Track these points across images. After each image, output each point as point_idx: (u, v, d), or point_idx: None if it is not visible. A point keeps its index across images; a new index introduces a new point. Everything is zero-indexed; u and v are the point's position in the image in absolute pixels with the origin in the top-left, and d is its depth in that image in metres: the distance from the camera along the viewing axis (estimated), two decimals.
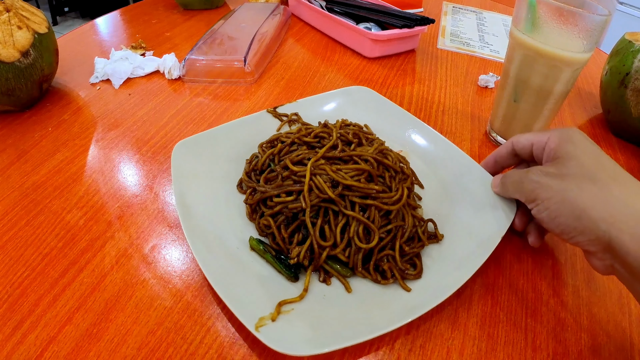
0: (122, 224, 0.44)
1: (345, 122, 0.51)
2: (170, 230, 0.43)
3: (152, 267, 0.40)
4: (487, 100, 0.69)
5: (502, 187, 0.41)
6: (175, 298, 0.37)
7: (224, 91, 0.67)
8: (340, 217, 0.39)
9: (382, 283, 0.38)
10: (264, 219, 0.41)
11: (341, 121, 0.51)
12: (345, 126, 0.50)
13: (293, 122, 0.54)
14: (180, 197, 0.41)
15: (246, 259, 0.38)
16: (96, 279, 0.38)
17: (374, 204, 0.39)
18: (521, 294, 0.40)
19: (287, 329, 0.32)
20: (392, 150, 0.47)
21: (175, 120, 0.60)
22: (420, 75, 0.75)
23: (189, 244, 0.37)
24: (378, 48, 0.78)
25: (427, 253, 0.41)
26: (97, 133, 0.56)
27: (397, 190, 0.41)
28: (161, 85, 0.67)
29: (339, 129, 0.48)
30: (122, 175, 0.50)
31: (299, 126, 0.53)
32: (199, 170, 0.45)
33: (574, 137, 0.36)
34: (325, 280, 0.38)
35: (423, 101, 0.67)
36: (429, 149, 0.51)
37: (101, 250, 0.41)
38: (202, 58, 0.68)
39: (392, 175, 0.43)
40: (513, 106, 0.54)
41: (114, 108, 0.61)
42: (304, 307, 0.35)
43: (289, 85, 0.69)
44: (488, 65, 0.80)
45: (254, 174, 0.46)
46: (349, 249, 0.38)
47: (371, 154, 0.43)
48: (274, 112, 0.54)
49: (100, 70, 0.67)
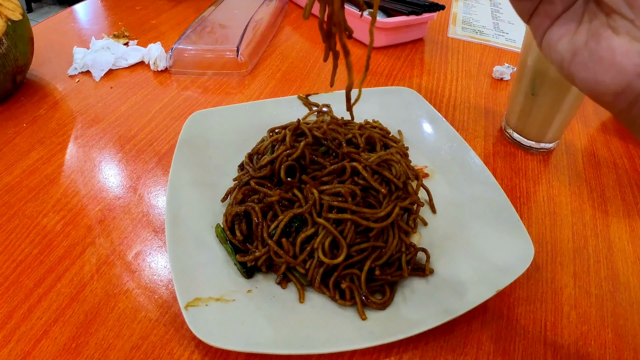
0: (104, 229, 0.44)
1: (368, 123, 0.52)
2: (155, 235, 0.44)
3: (136, 276, 0.40)
4: (502, 93, 0.69)
5: None
6: (162, 309, 0.37)
7: (214, 84, 0.67)
8: (309, 225, 0.39)
9: (339, 303, 0.37)
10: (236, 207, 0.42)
11: (364, 122, 0.52)
12: (364, 127, 0.49)
13: (322, 113, 0.55)
14: (177, 164, 0.46)
15: (215, 241, 0.41)
16: (75, 288, 0.38)
17: (351, 218, 0.38)
18: (539, 306, 0.40)
19: (214, 316, 0.34)
20: (402, 163, 0.45)
21: (161, 115, 0.60)
22: (429, 66, 0.75)
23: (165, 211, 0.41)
24: (383, 37, 0.78)
25: (411, 285, 0.39)
26: (76, 130, 0.57)
27: (385, 207, 0.40)
28: (146, 78, 0.68)
29: (357, 129, 0.48)
30: (104, 176, 0.50)
31: (322, 117, 0.54)
32: (209, 141, 0.50)
33: None
34: (281, 283, 0.39)
35: (432, 94, 0.68)
36: (460, 175, 0.49)
37: (80, 257, 0.41)
38: (191, 48, 0.68)
39: (391, 190, 0.42)
40: (531, 100, 0.54)
41: (94, 102, 0.62)
42: (247, 300, 0.37)
43: (286, 78, 0.69)
44: (503, 56, 0.80)
45: (256, 157, 0.48)
46: (311, 261, 0.38)
47: (370, 162, 0.42)
48: (305, 100, 0.57)
49: (80, 61, 0.67)
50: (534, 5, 0.30)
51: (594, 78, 0.27)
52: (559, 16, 0.29)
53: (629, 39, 0.25)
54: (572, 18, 0.29)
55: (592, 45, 0.27)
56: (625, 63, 0.25)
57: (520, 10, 0.31)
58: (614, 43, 0.26)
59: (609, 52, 0.26)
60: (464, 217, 0.45)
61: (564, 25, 0.29)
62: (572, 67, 0.28)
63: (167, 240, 0.38)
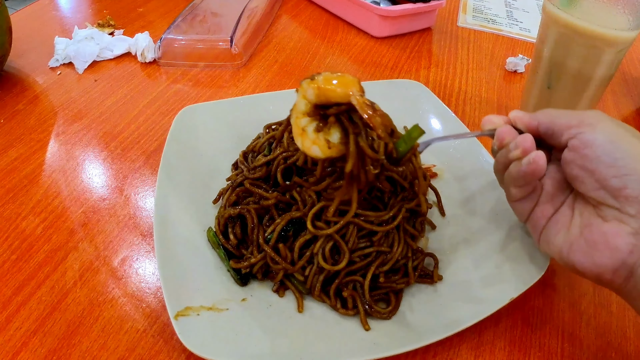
0: (87, 233, 0.44)
1: None
2: (143, 239, 0.43)
3: (122, 283, 0.40)
4: (516, 87, 0.69)
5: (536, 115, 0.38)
6: (150, 319, 0.37)
7: (206, 77, 0.67)
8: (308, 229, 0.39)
9: (340, 312, 0.37)
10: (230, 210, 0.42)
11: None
12: None
13: None
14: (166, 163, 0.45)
15: (206, 246, 0.41)
16: (56, 297, 0.38)
17: (354, 221, 0.38)
18: (556, 314, 0.40)
19: (206, 327, 0.34)
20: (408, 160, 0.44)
21: (149, 110, 0.60)
22: (438, 58, 0.75)
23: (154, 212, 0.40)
24: (388, 26, 0.78)
25: (418, 293, 0.39)
26: (58, 126, 0.57)
27: (390, 209, 0.40)
28: (133, 70, 0.67)
29: None
30: (87, 176, 0.50)
31: None
32: (200, 138, 0.50)
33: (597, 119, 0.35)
34: (278, 291, 0.39)
35: (441, 88, 0.67)
36: (470, 175, 0.49)
37: (62, 263, 0.41)
38: (181, 38, 0.68)
39: (396, 190, 0.41)
40: (547, 94, 0.54)
41: (77, 96, 0.61)
42: (241, 310, 0.37)
43: (283, 70, 0.69)
44: (517, 46, 0.80)
45: (251, 155, 0.48)
46: (310, 267, 0.38)
47: None
48: None
49: (62, 52, 0.67)
50: (531, 208, 0.37)
51: (592, 261, 0.32)
52: (552, 215, 0.36)
53: (617, 222, 0.32)
54: (564, 215, 0.36)
55: (586, 234, 0.33)
56: (618, 243, 0.31)
57: (519, 213, 0.38)
58: (605, 228, 0.32)
59: (602, 237, 0.32)
60: (475, 220, 0.45)
61: (558, 222, 0.36)
62: (571, 255, 0.34)
63: (156, 245, 0.38)
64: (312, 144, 0.36)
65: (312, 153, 0.37)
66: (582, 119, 0.34)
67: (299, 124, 0.37)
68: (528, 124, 0.37)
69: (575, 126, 0.34)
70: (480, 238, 0.43)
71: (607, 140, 0.32)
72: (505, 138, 0.37)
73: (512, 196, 0.38)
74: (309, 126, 0.37)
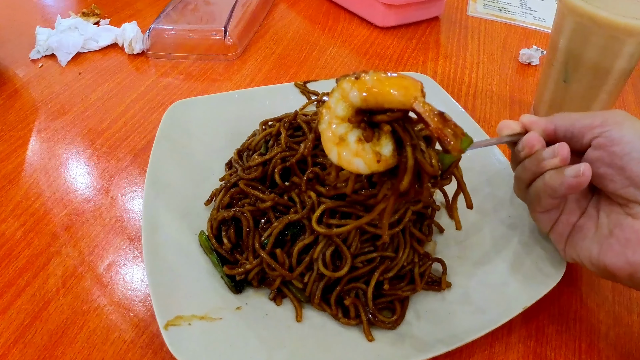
0: (71, 237, 0.44)
1: None
2: (130, 244, 0.43)
3: (108, 291, 0.40)
4: (530, 80, 0.69)
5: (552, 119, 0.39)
6: (138, 329, 0.37)
7: (198, 69, 0.67)
8: (307, 232, 0.39)
9: (342, 322, 0.37)
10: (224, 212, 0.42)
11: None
12: None
13: (323, 103, 0.55)
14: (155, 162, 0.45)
15: (198, 250, 0.41)
16: (38, 305, 0.38)
17: (356, 224, 0.38)
18: (573, 324, 0.39)
19: (198, 337, 0.34)
20: None
21: (137, 105, 0.60)
22: (446, 49, 0.75)
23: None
24: (393, 15, 0.78)
25: (425, 301, 0.39)
26: (39, 122, 0.56)
27: (396, 211, 0.40)
28: (120, 62, 0.67)
29: None
30: (71, 175, 0.50)
31: None
32: (192, 135, 0.50)
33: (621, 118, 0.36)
34: (275, 299, 0.39)
35: (449, 82, 0.67)
36: (481, 174, 0.48)
37: (44, 269, 0.41)
38: (171, 28, 0.68)
39: None
40: (563, 88, 0.54)
41: (60, 90, 0.61)
42: (236, 319, 0.36)
43: (281, 62, 0.69)
44: (531, 37, 0.80)
45: (246, 153, 0.47)
46: (310, 274, 0.38)
47: None
48: (303, 88, 0.57)
49: (43, 43, 0.67)
50: (557, 217, 0.38)
51: (625, 260, 0.33)
52: (576, 222, 0.37)
53: None
54: (589, 218, 0.37)
55: (617, 233, 0.34)
56: None
57: (544, 224, 0.39)
58: (638, 226, 0.33)
59: (635, 234, 0.33)
60: (485, 223, 0.44)
61: (583, 227, 0.37)
62: (601, 257, 0.34)
63: (144, 250, 0.38)
64: (355, 157, 0.32)
65: (353, 168, 0.33)
66: (605, 117, 0.35)
67: (336, 132, 0.33)
68: (544, 129, 0.38)
69: (599, 125, 0.35)
70: (491, 242, 0.43)
71: (637, 137, 0.34)
72: (535, 145, 0.37)
73: (542, 207, 0.38)
74: (349, 134, 0.33)
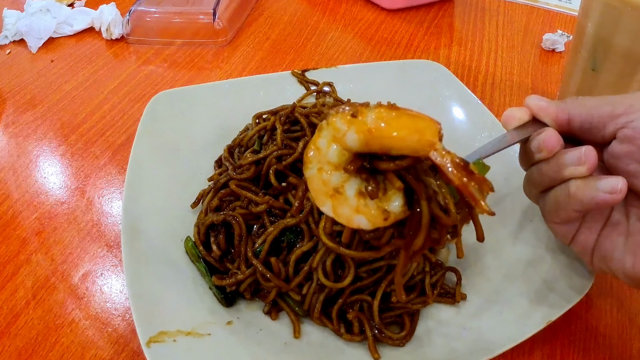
0: (42, 243, 0.44)
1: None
2: (109, 251, 0.44)
3: (83, 303, 0.40)
4: (554, 68, 0.69)
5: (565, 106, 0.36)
6: (117, 346, 0.37)
7: (184, 56, 0.67)
8: (306, 238, 0.39)
9: (345, 338, 0.37)
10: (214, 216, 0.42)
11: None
12: None
13: (323, 94, 0.55)
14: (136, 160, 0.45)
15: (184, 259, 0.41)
16: (5, 319, 0.38)
17: None
18: (602, 340, 0.40)
19: (184, 355, 0.34)
20: None
21: (116, 96, 0.60)
22: (461, 33, 0.75)
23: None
24: None
25: (437, 314, 0.39)
26: (7, 115, 0.57)
27: None
28: (97, 49, 0.67)
29: None
30: (42, 175, 0.50)
31: (322, 100, 0.54)
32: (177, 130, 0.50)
33: None
34: (270, 312, 0.39)
35: (464, 70, 0.68)
36: (500, 174, 0.46)
37: (12, 279, 0.41)
38: (154, 10, 0.68)
39: None
40: (591, 77, 0.54)
41: (30, 80, 0.61)
42: (226, 335, 0.36)
43: (276, 49, 0.69)
44: (556, 20, 0.80)
45: (238, 150, 0.48)
46: (309, 284, 0.38)
47: None
48: (301, 77, 0.57)
49: (11, 27, 0.67)
50: (577, 228, 0.36)
51: None
52: (601, 230, 0.35)
53: None
54: (617, 224, 0.35)
55: None
56: None
57: (563, 235, 0.37)
58: None
59: None
60: (504, 228, 0.44)
61: (611, 234, 0.35)
62: (637, 268, 0.33)
63: (124, 258, 0.38)
64: (355, 213, 0.30)
65: (354, 225, 0.31)
66: (630, 103, 0.33)
67: (328, 181, 0.30)
68: (556, 117, 0.35)
69: (623, 114, 0.33)
70: (510, 249, 0.43)
71: None
72: (555, 147, 0.34)
73: (561, 218, 0.36)
74: (347, 185, 0.30)
